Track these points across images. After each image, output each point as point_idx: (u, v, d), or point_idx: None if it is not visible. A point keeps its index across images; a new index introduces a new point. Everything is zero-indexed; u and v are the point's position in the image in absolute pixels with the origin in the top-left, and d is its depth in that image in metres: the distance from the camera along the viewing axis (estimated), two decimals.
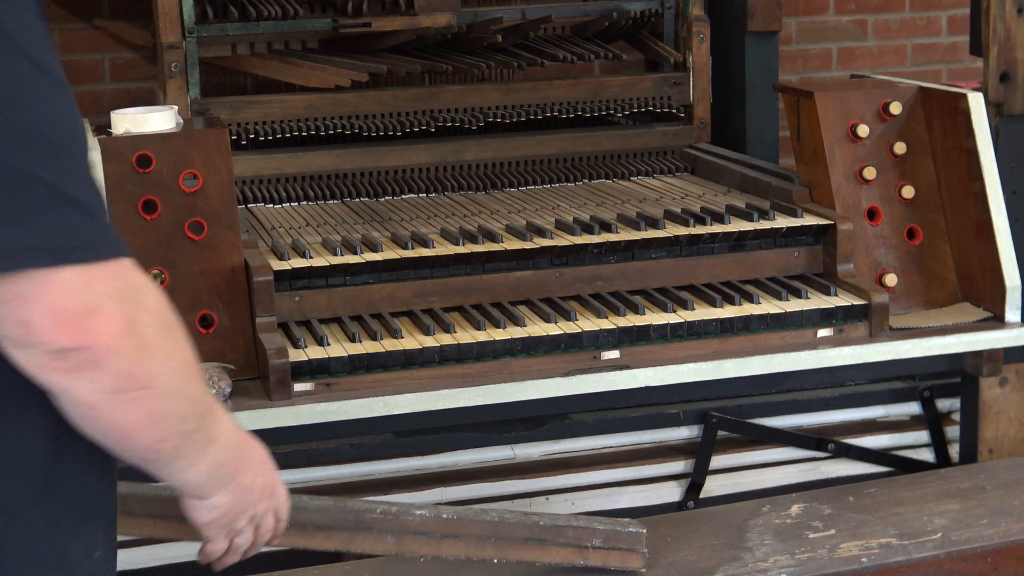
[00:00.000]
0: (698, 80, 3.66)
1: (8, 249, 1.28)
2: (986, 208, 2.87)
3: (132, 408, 1.38)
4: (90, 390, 1.36)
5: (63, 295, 1.31)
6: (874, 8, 4.78)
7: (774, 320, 2.76)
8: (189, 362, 1.44)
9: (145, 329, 1.36)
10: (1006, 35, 2.93)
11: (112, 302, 1.33)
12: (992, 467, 2.92)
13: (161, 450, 1.46)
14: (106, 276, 1.33)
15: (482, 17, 3.53)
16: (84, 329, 1.31)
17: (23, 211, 1.29)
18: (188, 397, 1.45)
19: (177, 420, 1.45)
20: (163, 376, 1.39)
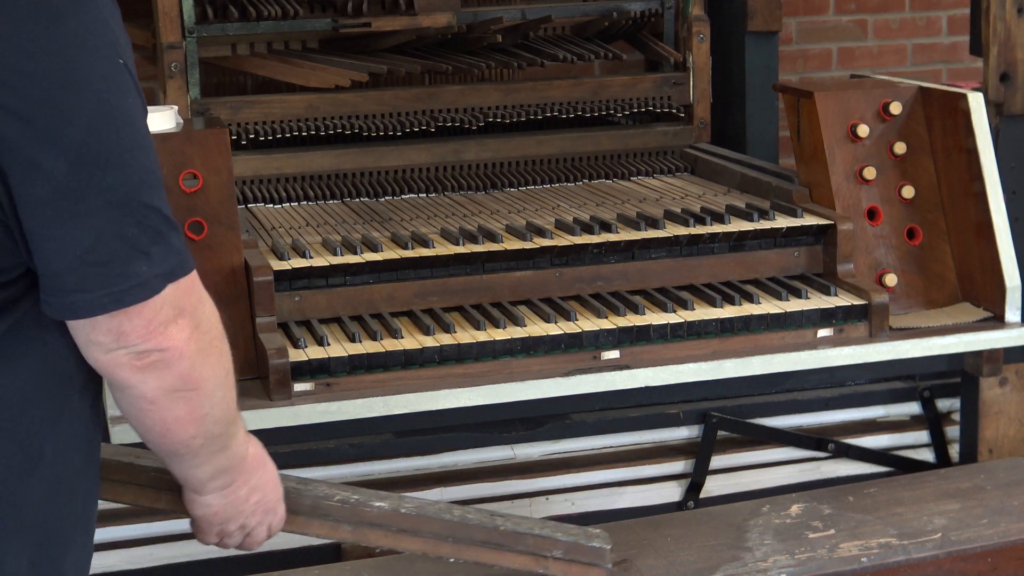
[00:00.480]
0: (698, 80, 3.66)
1: (134, 282, 1.45)
2: (986, 208, 2.87)
3: (181, 405, 1.56)
4: (155, 387, 1.53)
5: (157, 310, 1.48)
6: (874, 8, 4.78)
7: (774, 320, 2.76)
8: (230, 370, 1.62)
9: (204, 336, 1.54)
10: (1006, 35, 2.93)
11: (184, 314, 1.51)
12: (992, 467, 2.92)
13: (191, 447, 1.63)
14: (186, 289, 1.51)
15: (482, 17, 3.53)
16: (167, 336, 1.49)
17: (144, 244, 1.46)
18: (225, 402, 1.62)
19: (211, 421, 1.61)
20: (211, 380, 1.56)
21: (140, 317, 1.47)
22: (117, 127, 1.43)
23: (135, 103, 1.46)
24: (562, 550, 2.30)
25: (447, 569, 2.51)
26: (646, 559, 2.52)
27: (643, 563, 2.50)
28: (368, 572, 2.53)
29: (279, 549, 2.70)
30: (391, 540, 2.18)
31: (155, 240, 1.46)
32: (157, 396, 1.54)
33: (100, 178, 1.41)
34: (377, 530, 2.17)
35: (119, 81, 1.44)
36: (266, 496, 1.86)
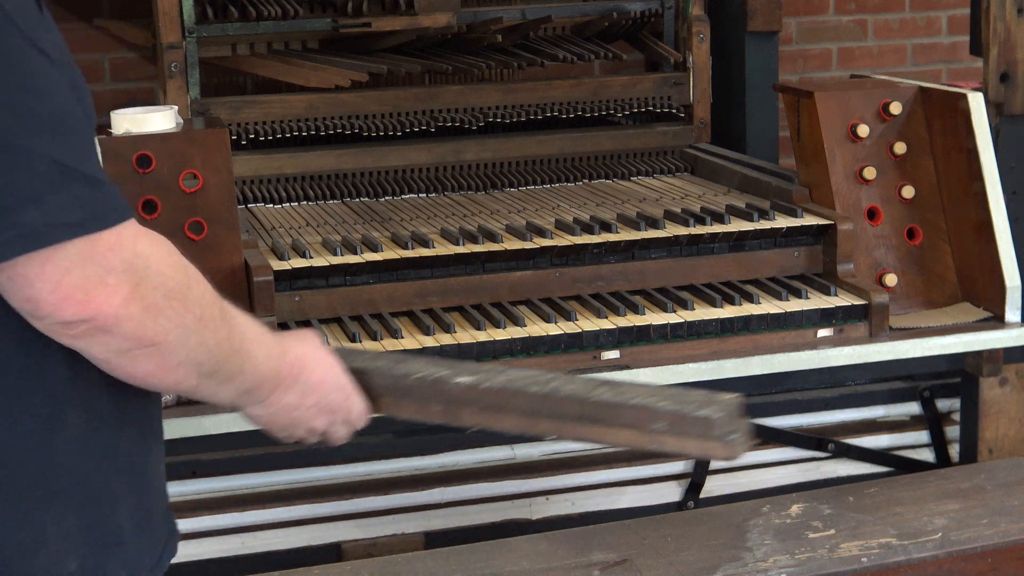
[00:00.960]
0: (698, 80, 3.66)
1: (21, 231, 1.32)
2: (986, 208, 2.87)
3: (143, 362, 1.44)
4: (101, 351, 1.42)
5: (64, 272, 1.35)
6: (874, 8, 4.78)
7: (774, 320, 2.76)
8: (206, 315, 1.48)
9: (151, 292, 1.40)
10: (1006, 35, 2.93)
11: (114, 273, 1.37)
12: (992, 467, 2.92)
13: (183, 388, 1.52)
14: (108, 247, 1.37)
15: (482, 17, 3.53)
16: (86, 303, 1.36)
17: (34, 191, 1.33)
18: (204, 347, 1.49)
19: (192, 366, 1.49)
20: (173, 333, 1.44)
21: (43, 280, 1.35)
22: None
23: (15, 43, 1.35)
24: (666, 422, 1.96)
25: (447, 569, 2.51)
26: (646, 559, 2.52)
27: (643, 563, 2.50)
28: (368, 572, 2.53)
29: (279, 549, 2.70)
30: (481, 418, 1.95)
31: (50, 189, 1.34)
32: (109, 358, 1.44)
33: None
34: (466, 408, 1.93)
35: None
36: (325, 397, 1.73)
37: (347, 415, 1.78)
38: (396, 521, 2.77)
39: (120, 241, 1.38)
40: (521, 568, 2.50)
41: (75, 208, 1.35)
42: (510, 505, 2.82)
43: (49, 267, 1.34)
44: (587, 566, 2.50)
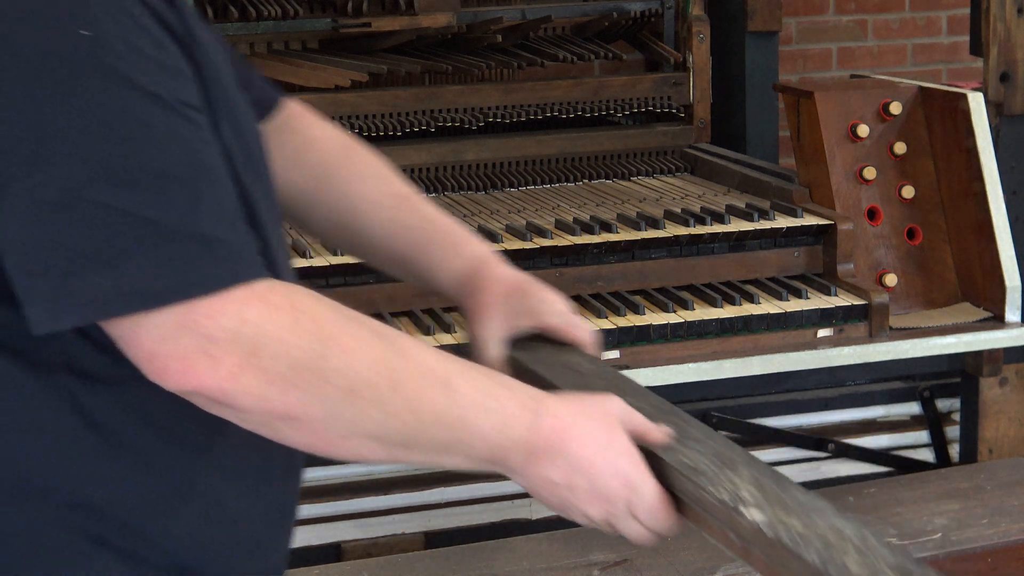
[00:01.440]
0: (698, 80, 3.66)
1: (103, 294, 1.16)
2: (986, 208, 2.87)
3: (294, 435, 1.26)
4: (237, 419, 1.25)
5: (159, 341, 1.18)
6: (874, 8, 4.78)
7: (774, 320, 2.76)
8: (359, 385, 1.25)
9: (271, 363, 1.20)
10: (1006, 35, 2.93)
11: (217, 343, 1.18)
12: (992, 467, 2.92)
13: (374, 460, 1.32)
14: (206, 315, 1.18)
15: (482, 17, 3.53)
16: (188, 375, 1.19)
17: (110, 252, 1.16)
18: (371, 420, 1.26)
19: (366, 438, 1.28)
20: (314, 406, 1.23)
21: (138, 347, 1.19)
22: (51, 111, 1.15)
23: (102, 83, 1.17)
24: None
25: (447, 569, 2.51)
26: (646, 559, 2.52)
27: (643, 563, 2.50)
28: (368, 572, 2.53)
29: None
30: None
31: (133, 250, 1.16)
32: (252, 427, 1.25)
33: (27, 174, 1.15)
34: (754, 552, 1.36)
35: (67, 56, 1.16)
36: (597, 481, 1.36)
37: (632, 508, 1.38)
38: (396, 521, 2.76)
39: (223, 307, 1.18)
40: (521, 568, 2.50)
41: (161, 272, 1.17)
42: (510, 505, 2.82)
43: (142, 333, 1.18)
44: (587, 566, 2.50)
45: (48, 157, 1.15)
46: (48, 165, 1.15)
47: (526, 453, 1.34)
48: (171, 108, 1.20)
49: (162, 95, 1.20)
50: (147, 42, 1.21)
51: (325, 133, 1.78)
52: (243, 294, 1.20)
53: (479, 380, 1.33)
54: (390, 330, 1.32)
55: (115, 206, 1.15)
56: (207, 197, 1.21)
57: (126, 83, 1.18)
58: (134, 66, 1.19)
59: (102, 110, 1.17)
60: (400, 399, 1.27)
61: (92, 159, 1.15)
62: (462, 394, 1.31)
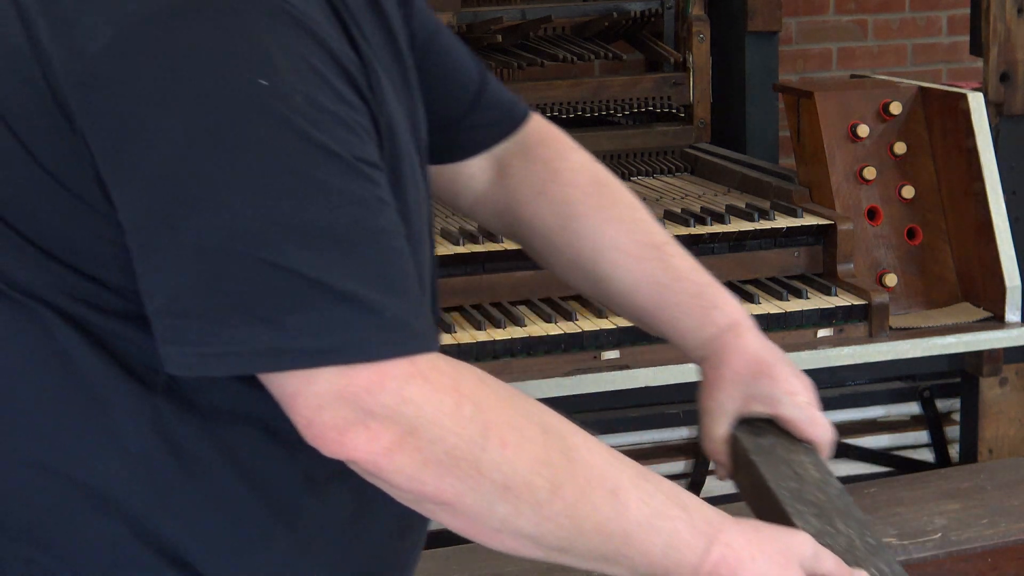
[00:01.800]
0: (698, 80, 3.66)
1: (258, 347, 1.12)
2: (986, 208, 2.87)
3: (446, 518, 1.20)
4: (390, 492, 1.19)
5: (317, 409, 1.14)
6: (874, 8, 4.78)
7: (774, 320, 2.76)
8: (516, 484, 1.17)
9: (428, 446, 1.14)
10: (1006, 35, 2.93)
11: (375, 418, 1.13)
12: (992, 467, 2.92)
13: (520, 555, 1.24)
14: (365, 387, 1.13)
15: (482, 17, 3.53)
16: (343, 444, 1.14)
17: (279, 307, 1.11)
18: (525, 519, 1.19)
19: (518, 537, 1.21)
20: (468, 496, 1.17)
21: (296, 411, 1.14)
22: (218, 159, 1.11)
23: (277, 134, 1.12)
24: None
25: (447, 569, 2.50)
26: None
27: None
28: None
29: None
30: None
31: (295, 308, 1.11)
32: (405, 502, 1.19)
33: (189, 217, 1.11)
34: None
35: (243, 104, 1.11)
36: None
37: None
38: None
39: (383, 383, 1.12)
40: (521, 568, 2.50)
41: (322, 333, 1.11)
42: None
43: (300, 400, 1.13)
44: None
45: (216, 204, 1.11)
46: (215, 212, 1.11)
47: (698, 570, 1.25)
48: (347, 165, 1.14)
49: (339, 151, 1.14)
50: (328, 95, 1.15)
51: (573, 164, 1.69)
52: (406, 369, 1.14)
53: (652, 495, 1.24)
54: (561, 424, 1.24)
55: (280, 262, 1.11)
56: (378, 261, 1.15)
57: (302, 137, 1.12)
58: (312, 120, 1.13)
59: (275, 163, 1.12)
60: (559, 503, 1.19)
61: (261, 211, 1.11)
62: (630, 507, 1.22)
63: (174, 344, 1.13)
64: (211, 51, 1.12)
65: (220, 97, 1.12)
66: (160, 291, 1.14)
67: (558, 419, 1.24)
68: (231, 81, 1.12)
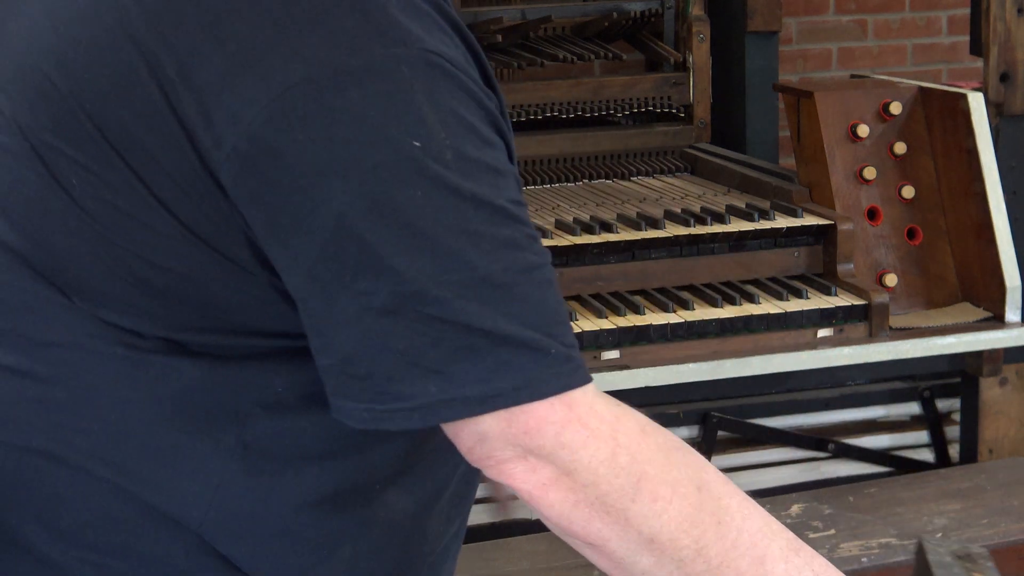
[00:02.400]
0: (698, 80, 3.66)
1: (428, 400, 1.14)
2: (986, 208, 2.87)
3: (590, 554, 1.22)
4: (544, 519, 1.21)
5: (478, 440, 1.17)
6: (874, 8, 4.78)
7: (774, 320, 2.76)
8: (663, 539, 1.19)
9: (581, 490, 1.17)
10: (1006, 35, 2.93)
11: (534, 455, 1.16)
12: (992, 467, 2.92)
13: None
14: (525, 430, 1.16)
15: (482, 17, 3.53)
16: (503, 474, 1.17)
17: (445, 358, 1.14)
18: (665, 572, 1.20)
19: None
20: (612, 543, 1.19)
21: (460, 440, 1.19)
22: (378, 224, 1.13)
23: (432, 194, 1.14)
24: None
25: None
26: None
27: None
28: None
29: None
30: None
31: (460, 358, 1.13)
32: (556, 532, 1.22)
33: (353, 282, 1.14)
34: None
35: (398, 168, 1.13)
36: None
37: None
38: None
39: (540, 427, 1.15)
40: (521, 568, 2.50)
41: (487, 378, 1.14)
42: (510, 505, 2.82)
43: (464, 432, 1.17)
44: (587, 566, 2.50)
45: (375, 266, 1.13)
46: (375, 274, 1.13)
47: None
48: (497, 210, 1.16)
49: (489, 198, 1.16)
50: (475, 142, 1.18)
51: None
52: (564, 414, 1.16)
53: (800, 569, 1.23)
54: (719, 483, 1.24)
55: (443, 315, 1.13)
56: (535, 299, 1.17)
57: (454, 192, 1.14)
58: (462, 172, 1.15)
59: (431, 222, 1.13)
60: (702, 564, 1.20)
61: (422, 271, 1.13)
62: (766, 556, 1.22)
63: (346, 399, 1.17)
64: (365, 118, 1.14)
65: (376, 163, 1.13)
66: (328, 353, 1.16)
67: (716, 476, 1.24)
68: (387, 147, 1.13)
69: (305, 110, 1.13)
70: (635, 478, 1.17)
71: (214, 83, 1.14)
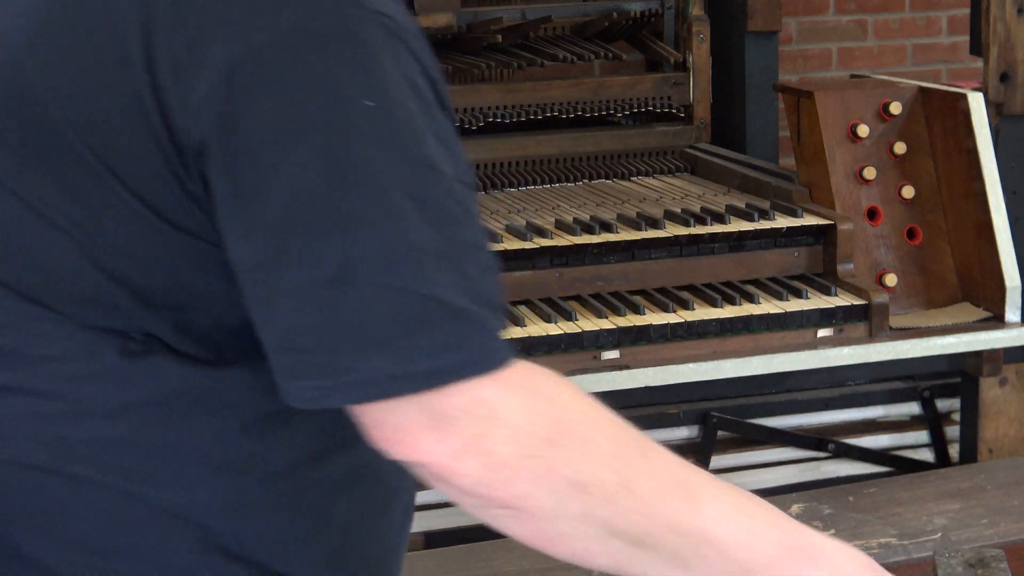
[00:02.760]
0: (698, 80, 3.66)
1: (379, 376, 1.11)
2: (986, 208, 2.87)
3: (512, 525, 1.17)
4: (457, 500, 1.17)
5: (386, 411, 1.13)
6: (874, 8, 4.78)
7: (774, 320, 2.76)
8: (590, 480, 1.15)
9: (498, 448, 1.13)
10: (1006, 35, 2.93)
11: (445, 419, 1.12)
12: (992, 467, 2.92)
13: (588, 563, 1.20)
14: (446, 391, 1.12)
15: (482, 17, 3.53)
16: (411, 446, 1.13)
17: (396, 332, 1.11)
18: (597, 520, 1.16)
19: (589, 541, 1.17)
20: (538, 498, 1.14)
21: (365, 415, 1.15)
22: (342, 188, 1.11)
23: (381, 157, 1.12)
24: None
25: (447, 569, 2.51)
26: None
27: None
28: None
29: None
30: None
31: (410, 330, 1.10)
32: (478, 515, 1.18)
33: (305, 247, 1.11)
34: None
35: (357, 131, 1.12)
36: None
37: None
38: None
39: (462, 389, 1.12)
40: (521, 568, 2.50)
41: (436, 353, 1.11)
42: None
43: (379, 406, 1.14)
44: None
45: (328, 230, 1.11)
46: (327, 239, 1.11)
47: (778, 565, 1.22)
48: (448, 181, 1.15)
49: (442, 168, 1.15)
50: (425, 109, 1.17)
51: None
52: (489, 381, 1.14)
53: (727, 491, 1.22)
54: (634, 430, 1.22)
55: (393, 284, 1.11)
56: (478, 274, 1.15)
57: (405, 156, 1.13)
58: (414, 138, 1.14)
59: (379, 185, 1.12)
60: (633, 501, 1.16)
61: (372, 235, 1.11)
62: (706, 503, 1.19)
63: (292, 378, 1.14)
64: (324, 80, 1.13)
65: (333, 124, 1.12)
66: (272, 327, 1.14)
67: (630, 425, 1.23)
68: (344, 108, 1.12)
69: (265, 75, 1.12)
70: (554, 423, 1.15)
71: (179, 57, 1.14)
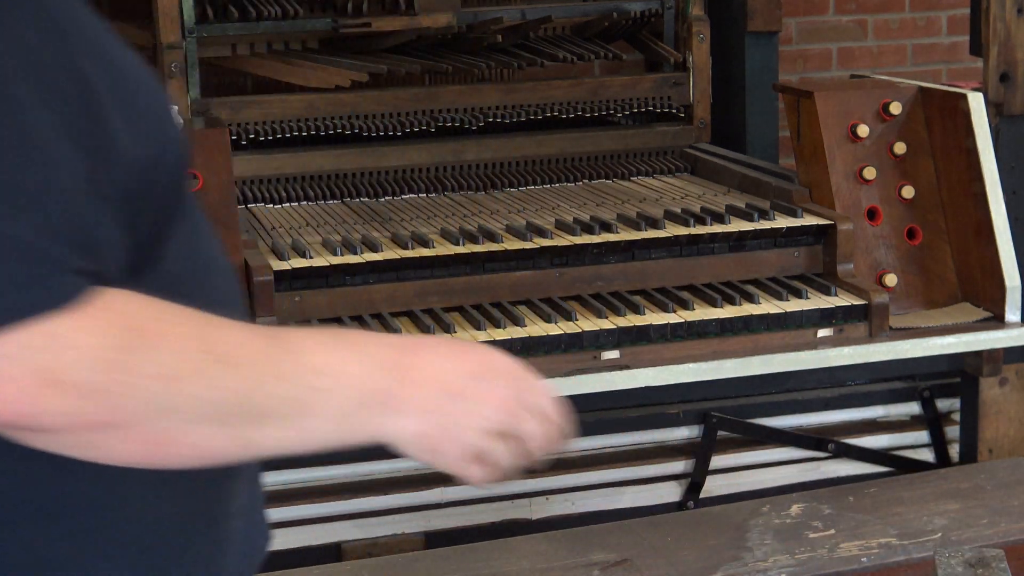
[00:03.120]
0: (698, 80, 3.66)
1: None
2: (986, 208, 2.88)
3: (118, 446, 1.15)
4: (54, 445, 1.14)
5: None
6: (874, 8, 4.78)
7: (774, 320, 2.76)
8: (176, 365, 1.13)
9: (73, 372, 1.09)
10: (1006, 35, 2.93)
11: (12, 362, 1.08)
12: (992, 467, 2.92)
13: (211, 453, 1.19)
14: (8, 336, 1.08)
15: (482, 17, 3.53)
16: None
17: None
18: (200, 398, 1.14)
19: (199, 425, 1.16)
20: (129, 408, 1.12)
21: None
22: None
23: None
24: None
25: (447, 569, 2.51)
26: (646, 559, 2.52)
27: (643, 563, 2.50)
28: (368, 572, 2.53)
29: (279, 549, 2.70)
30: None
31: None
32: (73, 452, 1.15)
33: None
34: None
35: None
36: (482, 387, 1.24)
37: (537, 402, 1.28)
38: (396, 521, 2.77)
39: (21, 327, 1.09)
40: (521, 568, 2.50)
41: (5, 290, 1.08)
42: (510, 505, 2.82)
43: None
44: (587, 566, 2.50)
45: None
46: None
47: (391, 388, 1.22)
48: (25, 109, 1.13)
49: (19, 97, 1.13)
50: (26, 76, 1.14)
51: None
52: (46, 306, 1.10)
53: (312, 332, 1.23)
54: (208, 314, 1.19)
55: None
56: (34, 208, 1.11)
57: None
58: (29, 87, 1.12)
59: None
60: (230, 367, 1.15)
61: None
62: (299, 343, 1.20)
63: None
64: None
65: None
66: None
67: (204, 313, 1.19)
68: None
69: None
70: (122, 329, 1.12)
71: None
